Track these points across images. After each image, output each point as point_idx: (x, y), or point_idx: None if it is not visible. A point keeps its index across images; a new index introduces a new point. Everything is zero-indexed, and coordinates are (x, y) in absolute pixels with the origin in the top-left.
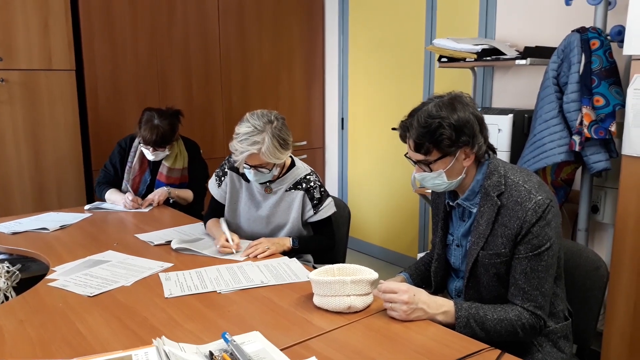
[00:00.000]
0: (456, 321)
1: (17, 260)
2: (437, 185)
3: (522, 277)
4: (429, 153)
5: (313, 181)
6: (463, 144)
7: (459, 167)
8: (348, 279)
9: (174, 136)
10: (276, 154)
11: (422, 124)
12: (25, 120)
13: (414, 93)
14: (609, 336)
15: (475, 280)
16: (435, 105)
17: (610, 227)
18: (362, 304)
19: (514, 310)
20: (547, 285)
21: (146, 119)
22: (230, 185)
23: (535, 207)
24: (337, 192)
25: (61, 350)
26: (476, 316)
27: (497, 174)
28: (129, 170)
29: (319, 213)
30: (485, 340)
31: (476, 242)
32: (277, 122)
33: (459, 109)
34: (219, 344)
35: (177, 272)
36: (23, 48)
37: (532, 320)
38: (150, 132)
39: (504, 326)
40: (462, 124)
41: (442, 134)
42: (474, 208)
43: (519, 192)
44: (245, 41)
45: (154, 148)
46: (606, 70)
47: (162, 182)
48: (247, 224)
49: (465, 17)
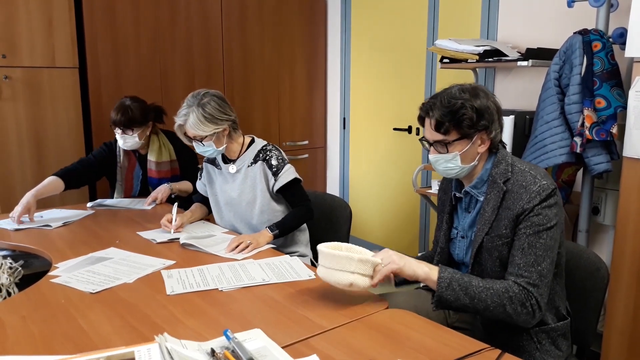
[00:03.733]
0: (438, 280)
1: (20, 256)
2: (448, 169)
3: (519, 252)
4: (448, 132)
5: (269, 150)
6: (482, 128)
7: (473, 152)
8: (356, 256)
9: (142, 119)
10: (200, 125)
11: (445, 104)
12: (28, 118)
13: (415, 94)
14: (608, 337)
15: (479, 267)
16: (458, 89)
17: (611, 228)
18: (363, 283)
19: (503, 282)
20: (544, 265)
21: (119, 102)
22: (206, 176)
23: (539, 190)
24: (339, 192)
25: (63, 346)
26: (460, 280)
27: (504, 163)
28: (120, 169)
29: (279, 179)
30: (471, 308)
31: (481, 228)
32: (206, 99)
33: (480, 95)
34: (221, 341)
35: (179, 270)
36: (26, 45)
37: (521, 295)
38: (117, 111)
39: (489, 295)
40: (483, 109)
41: (464, 114)
42: (481, 196)
43: (525, 177)
44: (247, 40)
45: (122, 130)
46: (608, 72)
47: (154, 179)
48: (228, 210)
49: (467, 18)
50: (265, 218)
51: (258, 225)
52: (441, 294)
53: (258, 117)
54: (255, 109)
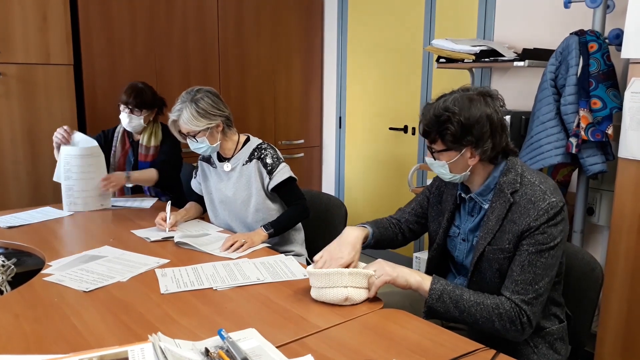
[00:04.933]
0: (429, 292)
1: (13, 254)
2: (442, 174)
3: (518, 268)
4: (434, 142)
5: (264, 149)
6: (467, 144)
7: (463, 164)
8: (346, 270)
9: (152, 102)
10: (193, 121)
11: (434, 112)
12: (22, 114)
13: (412, 93)
14: (602, 338)
15: (479, 275)
16: (454, 99)
17: (606, 229)
18: (359, 296)
19: (495, 298)
20: (542, 284)
21: (130, 84)
22: (201, 174)
23: (547, 208)
24: (334, 191)
25: (56, 345)
26: (452, 293)
27: (513, 172)
28: (113, 154)
29: (274, 178)
30: (460, 320)
31: (484, 237)
32: (200, 95)
33: (475, 106)
34: (215, 340)
35: (173, 269)
36: (21, 41)
37: (512, 312)
38: (130, 91)
39: (479, 310)
40: (470, 124)
41: (447, 129)
42: (485, 204)
43: (534, 191)
44: (243, 39)
45: (130, 110)
46: (604, 73)
47: (144, 162)
48: (223, 209)
49: (464, 18)
50: (260, 217)
51: (253, 224)
52: (431, 305)
53: (254, 116)
54: (251, 108)
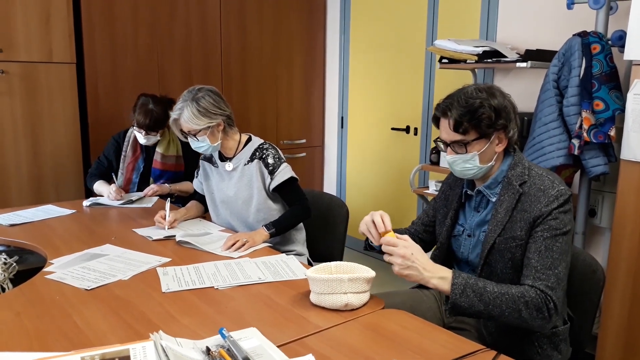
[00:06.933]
0: (452, 287)
1: (15, 252)
2: (466, 169)
3: (536, 255)
4: (466, 132)
5: (266, 149)
6: (500, 127)
7: (491, 152)
8: (345, 276)
9: (166, 122)
10: (194, 119)
11: (462, 103)
12: (24, 113)
13: (414, 93)
14: (604, 340)
15: (489, 269)
16: (474, 89)
17: (608, 231)
18: (358, 301)
19: (519, 287)
20: (560, 268)
21: (141, 103)
22: (203, 174)
23: (557, 194)
24: (336, 191)
25: (58, 342)
26: (474, 286)
27: (521, 166)
28: (123, 158)
29: (275, 178)
30: (485, 314)
31: (494, 229)
32: (201, 93)
33: (497, 95)
34: (216, 339)
35: (174, 267)
36: (23, 40)
37: (538, 299)
38: (144, 116)
39: (504, 300)
40: (500, 108)
41: (483, 114)
42: (493, 197)
43: (543, 181)
44: (246, 38)
45: (146, 132)
46: (606, 74)
47: (157, 169)
48: (224, 208)
49: (466, 18)
50: (262, 216)
51: (254, 223)
52: (455, 301)
53: (256, 116)
54: (253, 107)
